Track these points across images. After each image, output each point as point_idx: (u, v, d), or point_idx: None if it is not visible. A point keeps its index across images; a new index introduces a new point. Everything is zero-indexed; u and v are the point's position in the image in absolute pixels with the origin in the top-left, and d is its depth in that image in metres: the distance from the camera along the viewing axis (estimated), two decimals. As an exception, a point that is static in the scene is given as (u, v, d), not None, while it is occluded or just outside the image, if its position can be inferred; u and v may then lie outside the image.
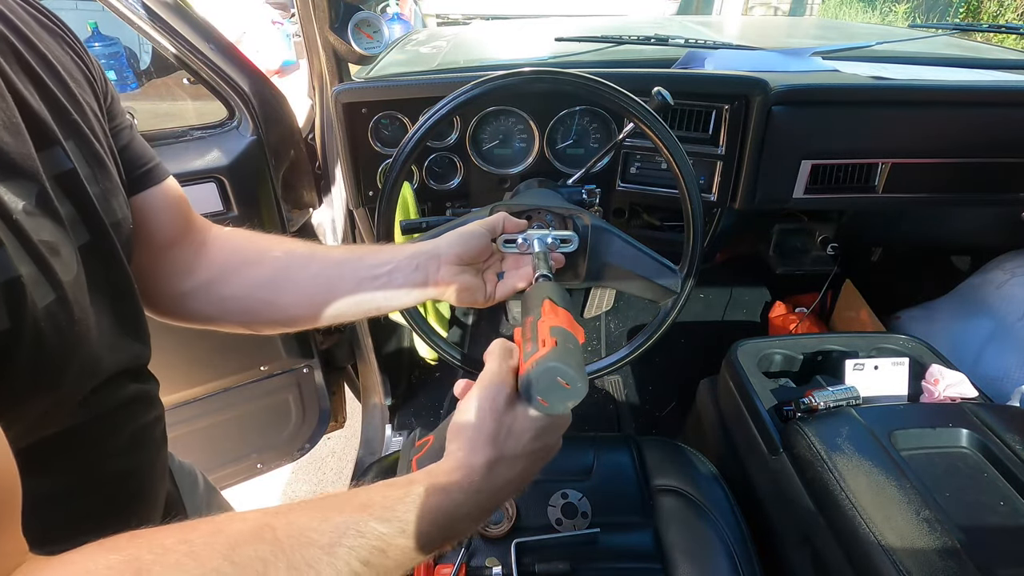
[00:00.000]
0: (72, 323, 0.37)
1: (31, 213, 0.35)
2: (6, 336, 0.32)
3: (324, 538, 0.34)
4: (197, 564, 0.30)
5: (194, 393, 1.21)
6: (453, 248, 0.60)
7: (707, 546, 0.83)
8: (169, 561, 0.30)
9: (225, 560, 0.31)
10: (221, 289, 0.57)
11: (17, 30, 0.40)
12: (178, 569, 0.29)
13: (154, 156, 0.54)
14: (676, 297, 0.74)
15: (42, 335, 0.34)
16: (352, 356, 1.51)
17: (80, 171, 0.40)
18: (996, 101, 1.07)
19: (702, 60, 1.15)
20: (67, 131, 0.40)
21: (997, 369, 1.27)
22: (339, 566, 0.33)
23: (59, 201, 0.37)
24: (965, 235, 1.55)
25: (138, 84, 1.44)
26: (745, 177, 1.04)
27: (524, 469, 0.42)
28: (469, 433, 0.42)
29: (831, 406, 0.93)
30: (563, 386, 0.40)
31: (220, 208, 1.04)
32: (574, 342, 0.43)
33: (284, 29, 4.46)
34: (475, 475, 0.40)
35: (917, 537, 0.72)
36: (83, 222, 0.40)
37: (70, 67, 0.44)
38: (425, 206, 1.15)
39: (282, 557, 0.32)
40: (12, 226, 0.33)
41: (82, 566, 0.29)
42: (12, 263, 0.32)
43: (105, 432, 0.45)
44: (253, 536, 0.32)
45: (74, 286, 0.37)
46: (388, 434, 1.62)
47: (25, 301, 0.33)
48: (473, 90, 0.70)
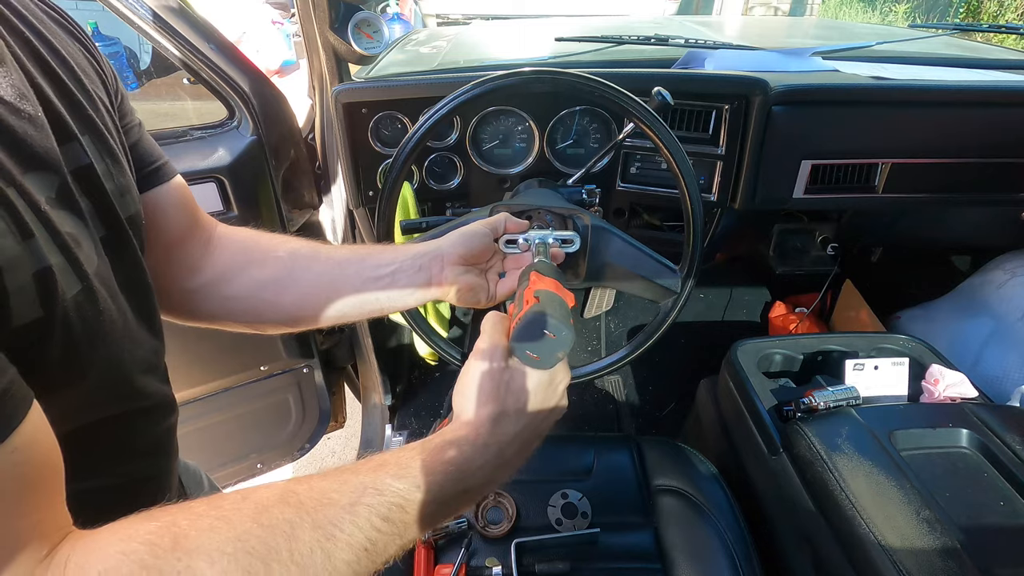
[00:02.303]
0: (98, 314, 0.37)
1: (54, 205, 0.35)
2: (39, 325, 0.32)
3: (345, 498, 0.36)
4: (229, 527, 0.32)
5: (194, 393, 1.21)
6: (456, 248, 0.60)
7: (707, 546, 0.83)
8: (203, 525, 0.32)
9: (254, 523, 0.33)
10: (225, 288, 0.58)
11: (33, 28, 0.40)
12: (212, 532, 0.32)
13: (162, 154, 0.55)
14: (676, 297, 0.74)
15: (71, 325, 0.35)
16: (352, 356, 1.51)
17: (96, 166, 0.40)
18: (996, 101, 1.07)
19: (702, 60, 1.15)
20: (83, 126, 0.40)
21: (997, 369, 1.27)
22: (360, 523, 0.35)
23: (79, 195, 0.38)
24: (965, 235, 1.55)
25: (138, 84, 1.44)
26: (745, 177, 1.04)
27: (528, 426, 0.44)
28: (471, 393, 0.44)
29: (831, 406, 0.93)
30: (549, 337, 0.42)
31: (220, 208, 1.04)
32: (557, 299, 0.45)
33: (284, 29, 4.45)
34: (481, 428, 0.42)
35: (917, 537, 0.72)
36: (100, 216, 0.41)
37: (83, 64, 0.45)
38: (425, 206, 1.15)
39: (307, 518, 0.34)
40: (40, 217, 0.33)
41: (124, 533, 0.31)
42: (43, 252, 0.32)
43: (128, 434, 0.46)
44: (279, 500, 0.34)
45: (97, 278, 0.38)
46: (388, 434, 1.62)
47: (56, 291, 0.33)
48: (473, 90, 0.70)
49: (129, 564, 0.29)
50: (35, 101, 0.36)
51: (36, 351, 0.32)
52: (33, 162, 0.34)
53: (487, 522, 0.86)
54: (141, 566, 0.29)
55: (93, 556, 0.30)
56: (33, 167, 0.34)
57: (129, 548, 0.30)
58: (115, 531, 0.31)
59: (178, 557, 0.30)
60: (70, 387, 0.36)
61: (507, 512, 0.87)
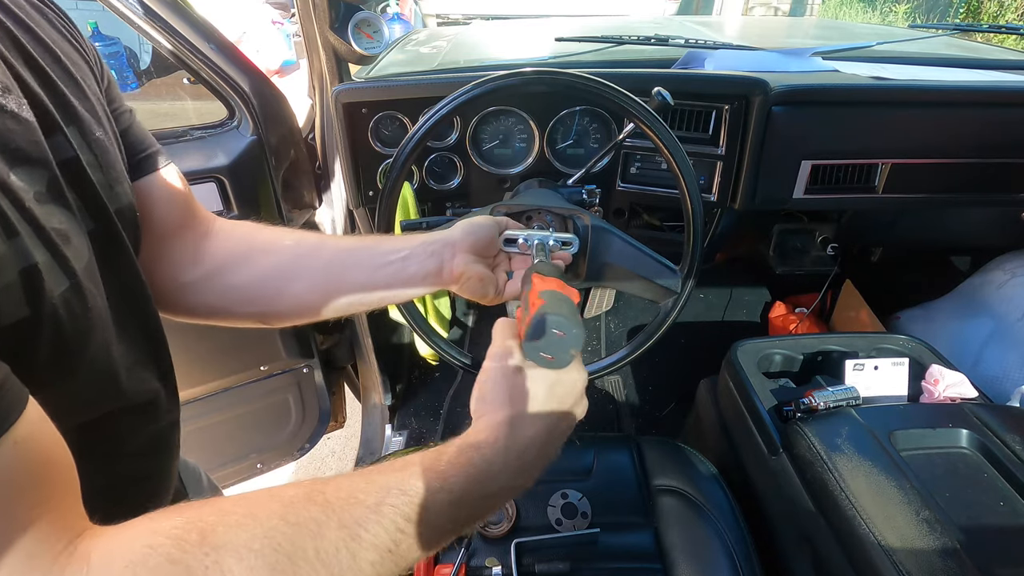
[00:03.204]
0: (87, 310, 0.37)
1: (42, 200, 0.34)
2: (26, 325, 0.32)
3: (371, 498, 0.36)
4: (256, 524, 0.32)
5: (194, 393, 1.21)
6: (467, 236, 0.59)
7: (707, 546, 0.83)
8: (230, 521, 0.32)
9: (282, 520, 0.33)
10: (229, 278, 0.56)
11: (15, 17, 0.40)
12: (240, 528, 0.32)
13: (154, 142, 0.53)
14: (676, 297, 0.74)
15: (60, 323, 0.34)
16: (352, 356, 1.51)
17: (83, 158, 0.40)
18: (996, 101, 1.07)
19: (702, 60, 1.15)
20: (67, 118, 0.40)
21: (997, 369, 1.27)
22: (385, 524, 0.35)
23: (67, 188, 0.37)
24: (965, 235, 1.55)
25: (138, 84, 1.44)
26: (745, 177, 1.04)
27: (545, 428, 0.43)
28: (487, 398, 0.44)
29: (831, 406, 0.93)
30: (559, 336, 0.42)
31: (220, 208, 1.04)
32: (562, 297, 0.46)
33: (284, 29, 4.45)
34: (499, 432, 0.42)
35: (917, 537, 0.72)
36: (88, 209, 0.40)
37: (68, 51, 0.44)
38: (425, 206, 1.15)
39: (333, 517, 0.34)
40: (25, 214, 0.32)
41: (149, 527, 0.31)
42: (28, 250, 0.32)
43: (121, 432, 0.45)
44: (305, 499, 0.34)
45: (86, 273, 0.37)
46: (388, 434, 1.62)
47: (43, 289, 0.33)
48: (473, 90, 0.70)
49: (156, 557, 0.29)
50: (19, 94, 0.35)
51: (25, 350, 0.32)
52: (18, 158, 0.33)
53: (487, 522, 0.86)
54: (169, 560, 0.29)
55: (118, 550, 0.29)
56: (19, 163, 0.33)
57: (156, 542, 0.30)
58: (139, 525, 0.31)
59: (205, 552, 0.30)
60: (60, 385, 0.36)
61: (507, 512, 0.87)
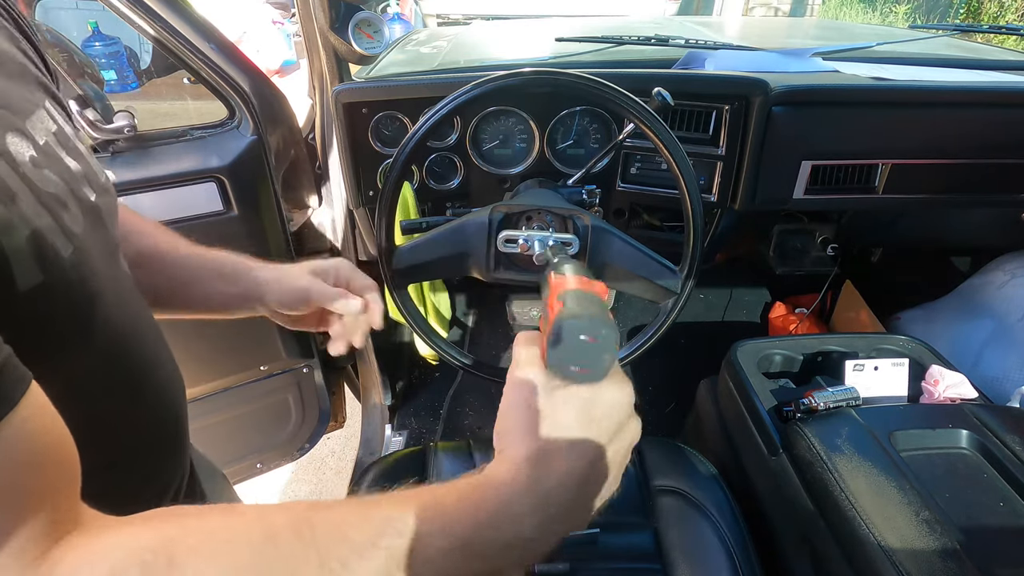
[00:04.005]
0: (92, 275, 0.37)
1: (38, 165, 0.34)
2: (41, 291, 0.31)
3: (362, 536, 0.31)
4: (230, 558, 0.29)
5: (194, 393, 1.21)
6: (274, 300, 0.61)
7: (707, 546, 0.83)
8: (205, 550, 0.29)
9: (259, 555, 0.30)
10: None
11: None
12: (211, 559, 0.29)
13: None
14: (676, 297, 0.74)
15: (71, 287, 0.34)
16: (352, 356, 1.51)
17: (65, 128, 0.40)
18: (996, 102, 1.07)
19: (702, 60, 1.15)
20: (44, 90, 0.40)
21: (997, 370, 1.27)
22: (373, 568, 0.31)
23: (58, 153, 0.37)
24: (965, 236, 1.55)
25: (138, 84, 1.43)
26: (745, 178, 1.04)
27: (582, 461, 0.36)
28: (507, 429, 0.38)
29: (831, 407, 0.93)
30: (588, 342, 0.35)
31: (220, 208, 1.04)
32: (587, 296, 0.38)
33: (284, 29, 4.45)
34: (520, 470, 0.35)
35: (917, 538, 0.72)
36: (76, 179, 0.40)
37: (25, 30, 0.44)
38: (425, 206, 1.15)
39: (313, 557, 0.30)
40: (23, 178, 0.32)
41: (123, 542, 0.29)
42: (30, 214, 0.31)
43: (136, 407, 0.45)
44: (291, 530, 0.31)
45: (84, 239, 0.37)
46: (388, 434, 1.62)
47: (51, 253, 0.32)
48: (473, 90, 0.70)
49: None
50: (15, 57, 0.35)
51: (42, 317, 0.32)
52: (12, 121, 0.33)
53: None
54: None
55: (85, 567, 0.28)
56: (13, 126, 0.33)
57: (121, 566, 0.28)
58: (119, 534, 0.30)
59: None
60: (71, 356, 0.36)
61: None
